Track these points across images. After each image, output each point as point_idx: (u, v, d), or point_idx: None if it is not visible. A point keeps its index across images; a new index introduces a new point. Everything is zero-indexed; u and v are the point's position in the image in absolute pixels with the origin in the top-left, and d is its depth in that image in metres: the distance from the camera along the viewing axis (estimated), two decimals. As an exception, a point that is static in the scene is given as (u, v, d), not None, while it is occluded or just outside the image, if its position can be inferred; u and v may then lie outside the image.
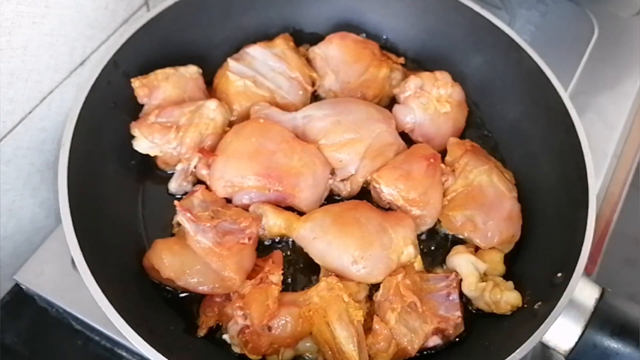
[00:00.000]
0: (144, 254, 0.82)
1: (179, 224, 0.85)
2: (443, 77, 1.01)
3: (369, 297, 0.84)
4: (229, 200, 0.89)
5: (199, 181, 0.91)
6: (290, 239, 0.88)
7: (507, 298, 0.83)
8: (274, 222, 0.86)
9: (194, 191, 0.86)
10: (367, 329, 0.79)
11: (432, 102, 0.99)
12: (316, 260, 0.85)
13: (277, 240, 0.89)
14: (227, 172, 0.87)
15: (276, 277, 0.80)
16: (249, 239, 0.81)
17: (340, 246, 0.83)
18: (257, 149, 0.87)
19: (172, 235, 0.86)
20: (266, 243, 0.89)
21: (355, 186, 0.92)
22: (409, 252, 0.84)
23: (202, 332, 0.80)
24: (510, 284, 0.85)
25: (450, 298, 0.82)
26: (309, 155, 0.89)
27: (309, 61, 1.04)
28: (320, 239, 0.84)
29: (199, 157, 0.89)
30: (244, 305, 0.77)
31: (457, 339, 0.83)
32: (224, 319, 0.80)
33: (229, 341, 0.79)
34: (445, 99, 0.99)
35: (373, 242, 0.83)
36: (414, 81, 0.99)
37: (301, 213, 0.89)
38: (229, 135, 0.90)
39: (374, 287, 0.84)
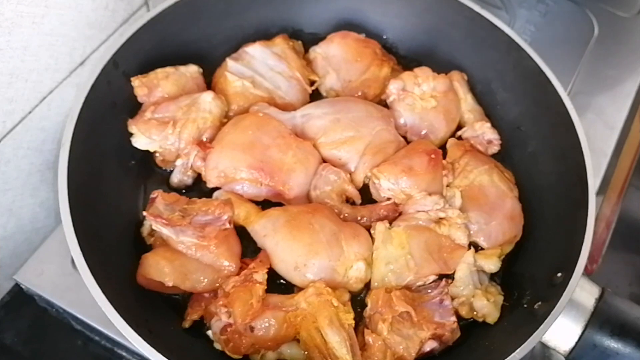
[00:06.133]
0: (143, 255, 0.82)
1: (151, 235, 0.86)
2: (422, 72, 1.00)
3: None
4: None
5: (199, 175, 0.91)
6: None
7: (488, 310, 0.83)
8: (237, 212, 0.86)
9: (152, 198, 0.85)
10: (362, 346, 0.78)
11: (417, 100, 0.98)
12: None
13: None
14: (220, 162, 0.87)
15: (261, 275, 0.79)
16: (229, 222, 0.82)
17: (286, 249, 0.82)
18: (252, 141, 0.88)
19: (150, 246, 0.86)
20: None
21: (357, 182, 0.93)
22: (359, 267, 0.83)
23: (186, 324, 0.81)
24: (500, 298, 0.85)
25: (444, 304, 0.82)
26: (303, 152, 0.90)
27: (308, 63, 1.04)
28: (269, 237, 0.84)
29: (196, 150, 0.89)
30: (228, 303, 0.77)
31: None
32: (208, 315, 0.80)
33: (212, 337, 0.80)
34: (430, 94, 0.99)
35: (320, 251, 0.81)
36: (393, 84, 0.99)
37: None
38: (227, 126, 0.91)
39: (361, 304, 0.84)
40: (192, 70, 0.96)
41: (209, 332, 0.80)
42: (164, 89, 0.92)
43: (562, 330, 0.79)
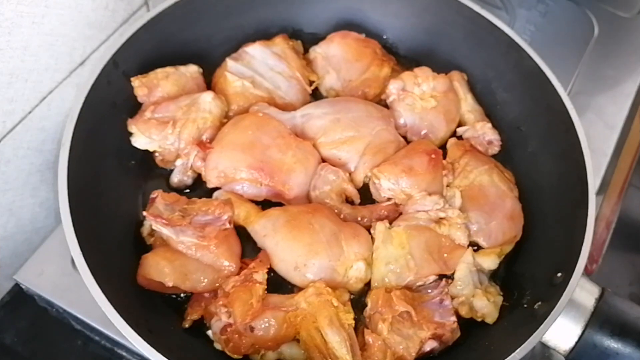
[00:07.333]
0: (143, 256, 0.82)
1: (151, 235, 0.86)
2: (422, 72, 1.00)
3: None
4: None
5: (199, 175, 0.91)
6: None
7: (487, 310, 0.83)
8: (237, 212, 0.86)
9: (152, 198, 0.85)
10: (362, 346, 0.78)
11: (417, 101, 0.98)
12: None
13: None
14: (220, 162, 0.87)
15: (261, 275, 0.80)
16: (229, 222, 0.82)
17: (285, 249, 0.82)
18: (252, 141, 0.88)
19: (150, 246, 0.86)
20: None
21: (357, 182, 0.93)
22: (359, 267, 0.83)
23: (186, 324, 0.81)
24: (500, 298, 0.85)
25: (444, 304, 0.82)
26: (303, 152, 0.90)
27: (308, 63, 1.04)
28: (269, 237, 0.84)
29: (196, 150, 0.89)
30: (228, 303, 0.77)
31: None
32: (208, 315, 0.80)
33: (212, 337, 0.80)
34: (430, 94, 0.99)
35: (320, 251, 0.82)
36: (393, 84, 0.99)
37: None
38: (227, 126, 0.91)
39: (361, 303, 0.84)
40: (192, 70, 0.96)
41: (209, 332, 0.80)
42: (164, 89, 0.92)
43: (562, 330, 0.79)
